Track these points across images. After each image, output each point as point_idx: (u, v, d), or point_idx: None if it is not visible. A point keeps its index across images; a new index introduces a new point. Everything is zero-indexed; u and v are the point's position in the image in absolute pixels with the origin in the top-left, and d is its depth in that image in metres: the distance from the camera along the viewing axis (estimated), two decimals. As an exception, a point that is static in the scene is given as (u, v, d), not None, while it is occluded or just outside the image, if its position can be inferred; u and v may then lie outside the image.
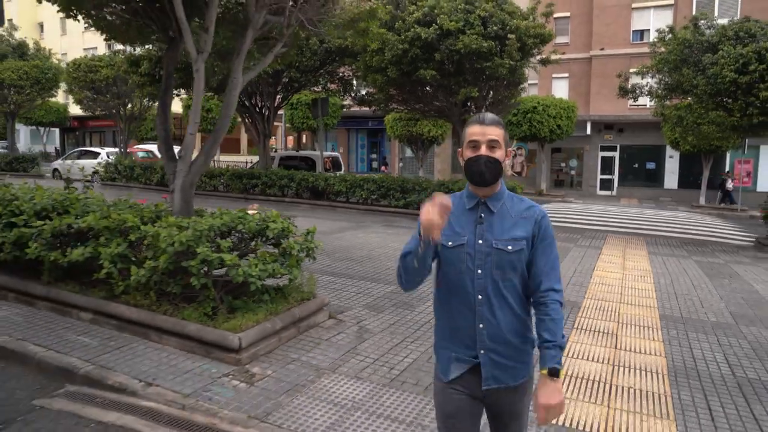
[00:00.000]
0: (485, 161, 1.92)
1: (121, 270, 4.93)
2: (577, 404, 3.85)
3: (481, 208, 1.98)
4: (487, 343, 1.94)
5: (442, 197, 1.76)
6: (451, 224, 1.96)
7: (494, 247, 1.92)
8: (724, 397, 4.07)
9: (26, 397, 3.88)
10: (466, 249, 1.94)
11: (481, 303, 1.93)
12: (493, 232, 1.94)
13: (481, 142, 1.93)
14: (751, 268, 9.58)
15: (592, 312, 6.23)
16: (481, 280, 1.93)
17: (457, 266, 1.96)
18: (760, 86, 10.76)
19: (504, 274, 1.92)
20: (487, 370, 1.95)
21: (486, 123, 1.95)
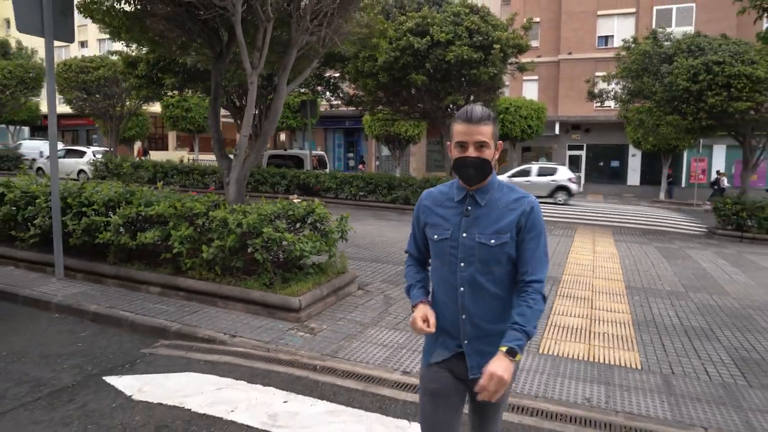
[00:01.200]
0: (473, 164, 1.88)
1: (187, 250, 5.93)
2: (566, 343, 5.05)
3: (468, 200, 1.96)
4: (469, 333, 1.95)
5: (425, 328, 1.89)
6: (438, 217, 1.99)
7: (477, 241, 1.90)
8: (673, 338, 5.34)
9: (133, 348, 4.86)
10: (450, 242, 1.94)
11: (463, 295, 1.93)
12: (478, 225, 1.92)
13: (468, 143, 1.87)
14: (700, 252, 11.06)
15: (571, 284, 7.49)
16: (464, 273, 1.92)
17: (442, 259, 1.97)
18: (708, 94, 12.32)
19: (487, 267, 1.91)
20: (472, 359, 1.96)
21: (473, 121, 1.86)
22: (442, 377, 2.02)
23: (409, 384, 4.02)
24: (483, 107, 1.92)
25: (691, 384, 4.27)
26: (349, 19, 6.60)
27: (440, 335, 2.01)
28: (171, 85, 16.09)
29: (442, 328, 1.99)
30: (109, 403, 3.70)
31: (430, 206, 2.05)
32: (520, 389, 4.04)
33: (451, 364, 2.00)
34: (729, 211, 13.50)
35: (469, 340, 1.95)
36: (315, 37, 6.26)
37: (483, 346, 1.94)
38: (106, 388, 3.93)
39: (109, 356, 4.60)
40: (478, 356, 1.94)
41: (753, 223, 13.31)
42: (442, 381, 2.02)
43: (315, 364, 4.38)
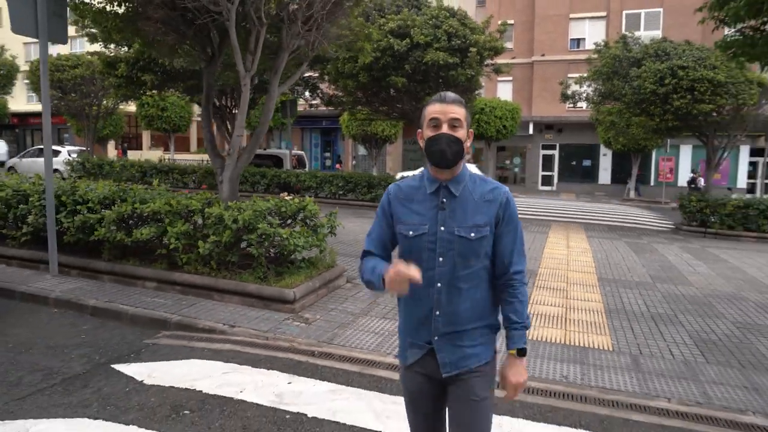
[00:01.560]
0: (446, 139, 1.82)
1: (183, 246, 6.15)
2: (544, 329, 5.44)
3: (442, 192, 1.89)
4: (441, 329, 1.89)
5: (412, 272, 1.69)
6: (411, 211, 1.91)
7: (456, 234, 1.85)
8: (641, 323, 5.78)
9: (136, 339, 5.07)
10: (427, 237, 1.87)
11: (439, 291, 1.87)
12: (456, 218, 1.86)
13: (442, 120, 1.84)
14: (667, 246, 11.66)
15: (547, 277, 7.92)
16: (442, 268, 1.86)
17: (417, 255, 1.88)
18: (674, 97, 12.97)
19: (466, 262, 1.86)
20: (444, 356, 1.91)
21: (447, 101, 1.85)
22: (417, 379, 1.98)
23: (402, 366, 4.36)
24: (455, 93, 1.91)
25: (656, 362, 4.70)
26: (337, 24, 6.89)
27: (410, 334, 1.97)
28: (151, 84, 16.10)
29: (412, 327, 1.95)
30: (123, 387, 3.93)
31: (401, 201, 1.95)
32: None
33: (424, 363, 1.95)
34: (693, 208, 14.18)
35: (440, 336, 1.89)
36: (304, 41, 6.54)
37: (456, 341, 1.90)
38: (116, 375, 4.17)
39: (113, 347, 4.81)
40: (450, 353, 1.90)
41: (716, 219, 14.00)
42: (417, 383, 1.99)
43: (313, 350, 4.67)
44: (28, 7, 6.27)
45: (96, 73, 18.23)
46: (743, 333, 5.63)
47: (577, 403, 3.87)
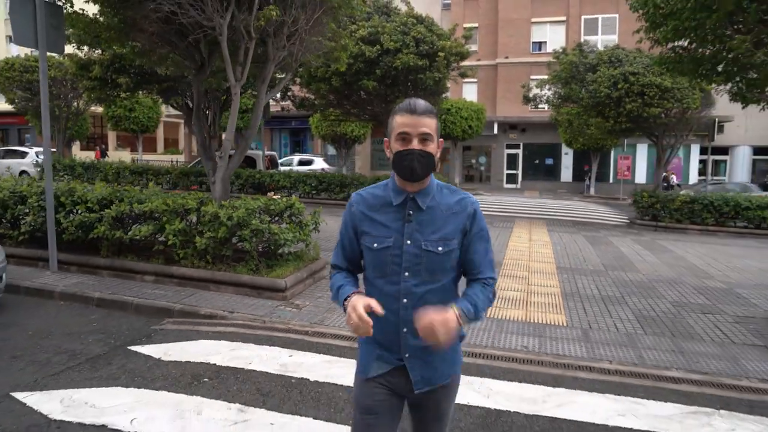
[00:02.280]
0: (418, 155, 1.73)
1: (180, 242, 6.68)
2: (508, 310, 6.19)
3: (409, 204, 1.81)
4: (411, 347, 1.82)
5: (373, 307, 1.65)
6: (376, 223, 1.83)
7: (424, 249, 1.77)
8: (593, 304, 6.60)
9: (143, 325, 5.60)
10: (392, 251, 1.79)
11: (406, 307, 1.78)
12: (423, 231, 1.78)
13: (412, 135, 1.73)
14: (621, 239, 12.65)
15: (511, 266, 8.71)
16: (407, 283, 1.78)
17: (382, 269, 1.82)
18: (626, 100, 14.03)
19: (434, 276, 1.79)
20: (416, 373, 1.84)
21: (418, 113, 1.74)
22: (378, 393, 1.88)
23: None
24: (427, 102, 1.80)
25: (603, 334, 5.49)
26: (318, 35, 7.50)
27: (377, 349, 1.88)
28: (126, 86, 16.34)
29: (379, 343, 1.86)
30: (143, 363, 4.49)
31: (364, 212, 1.86)
32: (474, 341, 5.12)
33: (391, 379, 1.87)
34: (645, 203, 15.29)
35: (411, 353, 1.82)
36: (288, 52, 7.14)
37: (428, 357, 1.83)
38: (134, 355, 4.71)
39: (124, 332, 5.34)
40: (422, 369, 1.84)
41: (666, 213, 15.12)
42: (377, 397, 1.89)
43: (307, 330, 5.30)
44: (28, 21, 6.70)
45: (69, 75, 18.28)
46: (678, 310, 6.50)
47: (535, 366, 4.62)
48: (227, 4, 6.40)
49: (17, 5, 6.59)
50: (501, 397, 3.93)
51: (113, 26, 7.40)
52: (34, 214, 7.37)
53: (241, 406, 3.68)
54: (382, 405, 1.89)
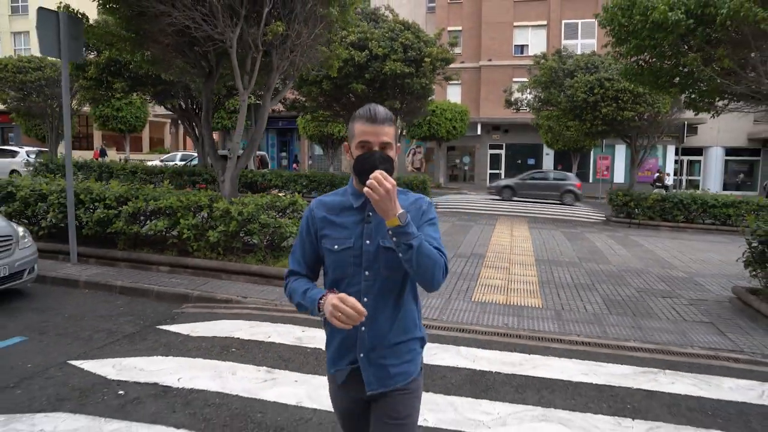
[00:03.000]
0: (379, 157, 1.76)
1: (193, 235, 7.33)
2: (490, 295, 6.95)
3: (368, 206, 1.82)
4: (367, 346, 1.85)
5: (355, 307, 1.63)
6: (336, 226, 1.86)
7: (382, 246, 1.81)
8: (566, 290, 7.40)
9: (165, 309, 6.25)
10: (352, 252, 1.83)
11: (366, 305, 1.76)
12: (381, 230, 1.81)
13: (373, 144, 1.78)
14: (596, 234, 13.53)
15: (493, 259, 9.49)
16: (368, 282, 1.82)
17: (343, 269, 1.85)
18: (602, 104, 14.93)
19: (393, 274, 1.82)
20: (369, 374, 1.85)
21: (378, 122, 1.78)
22: (346, 400, 1.97)
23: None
24: (386, 109, 1.84)
25: (573, 314, 6.28)
26: (317, 46, 8.19)
27: (336, 352, 1.92)
28: (121, 88, 16.85)
29: (337, 346, 1.90)
30: (175, 338, 5.16)
31: (325, 216, 1.89)
32: (460, 319, 5.87)
33: (351, 383, 1.90)
34: (620, 201, 16.21)
35: (366, 353, 1.85)
36: (290, 62, 7.82)
37: (381, 359, 1.85)
38: (164, 332, 5.37)
39: (150, 315, 5.99)
40: (375, 369, 1.85)
41: (639, 211, 16.06)
42: (345, 404, 1.98)
43: (314, 312, 6.00)
44: (52, 33, 7.29)
45: (63, 76, 18.70)
46: (641, 295, 7.33)
47: (514, 339, 5.38)
48: (237, 19, 7.06)
49: (43, 19, 7.18)
50: (484, 362, 4.68)
51: (127, 37, 8.01)
52: (54, 211, 7.95)
53: (268, 368, 4.38)
54: (351, 411, 1.97)
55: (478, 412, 3.75)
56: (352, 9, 8.17)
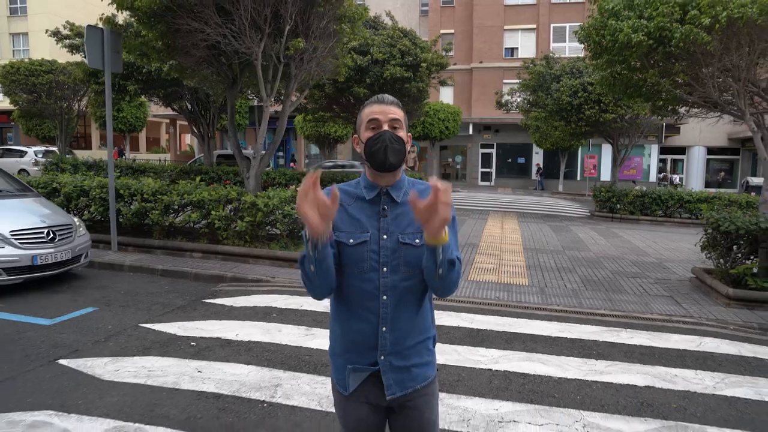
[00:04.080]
0: (390, 135, 1.68)
1: (223, 225, 8.33)
2: (484, 275, 8.02)
3: (383, 198, 1.76)
4: (389, 347, 1.75)
5: (315, 180, 1.50)
6: (351, 218, 1.76)
7: (401, 242, 1.72)
8: (550, 272, 8.49)
9: (204, 288, 7.26)
10: (369, 246, 1.73)
11: (386, 304, 1.72)
12: (399, 225, 1.74)
13: (382, 121, 1.71)
14: (580, 227, 14.66)
15: (486, 247, 10.57)
16: (386, 279, 1.72)
17: (360, 266, 1.74)
18: (585, 107, 16.07)
19: (412, 271, 1.71)
20: (389, 377, 1.77)
21: (386, 102, 1.73)
22: (362, 410, 1.84)
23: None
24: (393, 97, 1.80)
25: (554, 290, 7.36)
26: (330, 58, 9.22)
27: (350, 357, 1.81)
28: (133, 90, 17.78)
29: (350, 350, 1.80)
30: (221, 308, 6.17)
31: (341, 205, 1.78)
32: (459, 294, 6.93)
33: (366, 391, 1.81)
34: (603, 197, 17.36)
35: (387, 355, 1.76)
36: (306, 72, 8.85)
37: (400, 361, 1.78)
38: (210, 304, 6.38)
39: (192, 292, 6.99)
40: (395, 372, 1.78)
41: (621, 206, 17.22)
42: (360, 415, 1.84)
43: (334, 288, 7.04)
44: (98, 48, 8.26)
45: (76, 80, 19.58)
46: (614, 276, 8.43)
47: (504, 308, 6.45)
48: (261, 35, 8.07)
49: (90, 35, 8.16)
50: (480, 323, 5.74)
51: (161, 49, 9.00)
52: (95, 204, 8.92)
53: (306, 327, 5.42)
54: (365, 422, 1.84)
55: (477, 355, 4.81)
56: (359, 23, 9.20)
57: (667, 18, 6.70)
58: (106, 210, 8.85)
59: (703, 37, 6.53)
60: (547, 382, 4.27)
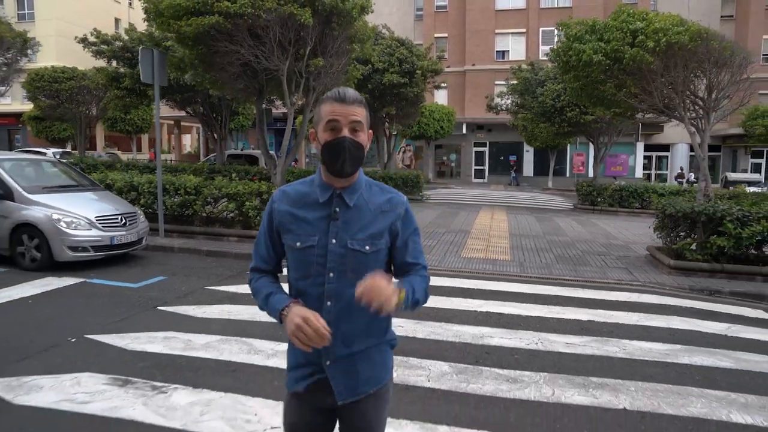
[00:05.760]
0: (349, 143, 1.64)
1: (255, 214, 9.93)
2: (474, 252, 9.67)
3: (335, 201, 1.72)
4: (334, 353, 1.72)
5: (320, 321, 1.56)
6: (300, 220, 1.73)
7: (349, 247, 1.69)
8: (529, 251, 10.14)
9: (245, 264, 8.83)
10: (316, 250, 1.69)
11: (329, 311, 1.68)
12: (349, 230, 1.70)
13: (342, 123, 1.64)
14: (562, 218, 16.35)
15: (476, 233, 12.22)
16: (332, 285, 1.69)
17: (305, 270, 1.71)
18: (567, 109, 17.75)
19: (360, 277, 1.59)
20: (338, 381, 1.74)
21: (348, 101, 1.64)
22: (303, 409, 1.81)
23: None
24: (355, 90, 1.72)
25: (531, 264, 9.01)
26: (344, 72, 10.86)
27: (299, 358, 1.78)
28: (153, 95, 19.33)
29: (302, 352, 1.70)
30: (265, 276, 7.77)
31: (288, 209, 1.75)
32: (452, 266, 8.55)
33: (314, 392, 1.76)
34: (585, 191, 19.05)
35: (333, 361, 1.72)
36: (323, 84, 10.47)
37: (351, 365, 1.74)
38: (254, 274, 7.98)
39: (236, 267, 8.58)
40: (345, 377, 1.74)
41: (601, 199, 18.90)
42: (302, 414, 1.81)
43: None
44: (149, 64, 9.84)
45: (98, 85, 21.13)
46: (583, 254, 10.09)
47: (489, 275, 8.10)
48: (287, 55, 9.68)
49: (144, 55, 9.74)
50: (468, 284, 7.39)
51: (197, 65, 10.59)
52: (145, 198, 10.50)
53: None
54: (309, 423, 1.82)
55: (465, 303, 6.44)
56: (368, 43, 10.81)
57: (620, 42, 8.34)
58: (153, 202, 10.43)
59: (648, 58, 8.15)
60: (516, 317, 5.91)
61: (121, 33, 20.99)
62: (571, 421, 3.58)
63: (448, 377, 4.22)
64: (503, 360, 4.64)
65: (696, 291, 7.61)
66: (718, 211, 8.14)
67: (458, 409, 3.70)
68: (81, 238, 7.71)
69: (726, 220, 8.04)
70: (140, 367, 4.28)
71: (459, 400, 3.84)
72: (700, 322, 5.99)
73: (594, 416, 3.66)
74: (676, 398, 3.95)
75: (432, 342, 5.03)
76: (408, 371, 4.29)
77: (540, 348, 4.98)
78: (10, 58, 15.63)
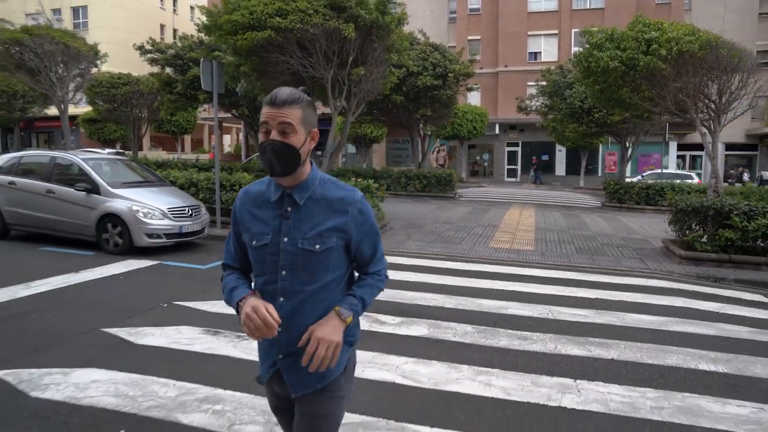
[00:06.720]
0: (272, 147, 1.66)
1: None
2: (502, 243, 10.57)
3: (286, 200, 1.75)
4: (285, 348, 1.79)
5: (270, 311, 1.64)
6: (256, 220, 1.79)
7: (300, 247, 1.72)
8: (552, 243, 10.99)
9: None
10: (270, 249, 1.75)
11: (281, 306, 1.73)
12: (300, 228, 1.73)
13: (271, 126, 1.67)
14: (588, 215, 17.04)
15: (505, 227, 13.10)
16: (285, 282, 1.74)
17: (261, 267, 1.78)
18: (594, 111, 18.38)
19: (313, 275, 1.72)
20: (290, 375, 1.81)
21: (277, 104, 1.66)
22: (273, 397, 1.96)
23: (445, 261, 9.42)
24: (294, 90, 1.71)
25: (552, 254, 9.87)
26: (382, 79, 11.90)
27: (261, 351, 1.88)
28: (203, 99, 20.80)
29: (261, 344, 1.85)
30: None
31: (247, 208, 1.82)
32: (480, 255, 9.50)
33: (277, 382, 1.86)
34: (612, 189, 19.63)
35: (285, 355, 1.79)
36: (364, 91, 11.53)
37: (298, 359, 1.75)
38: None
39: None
40: (295, 372, 1.80)
41: (628, 197, 19.45)
42: (273, 401, 1.98)
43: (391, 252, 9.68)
44: (209, 74, 11.07)
45: (152, 89, 22.78)
46: (602, 246, 10.87)
47: (513, 262, 9.00)
48: (332, 65, 10.77)
49: (204, 65, 10.97)
50: (493, 270, 8.31)
51: (250, 74, 11.79)
52: (203, 193, 11.75)
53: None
54: (279, 409, 1.98)
55: (489, 283, 7.39)
56: (405, 53, 11.81)
57: (635, 50, 9.11)
58: (211, 196, 11.67)
59: (660, 65, 8.90)
60: (533, 294, 6.84)
61: (175, 41, 22.55)
62: (567, 365, 4.51)
63: (471, 335, 5.20)
64: (517, 324, 5.59)
65: (702, 278, 8.36)
66: (725, 205, 8.85)
67: (477, 356, 4.68)
68: (156, 226, 8.95)
69: (733, 214, 8.75)
70: (224, 323, 5.39)
71: (478, 350, 4.82)
72: (698, 302, 6.79)
73: (586, 362, 4.59)
74: (657, 353, 4.84)
75: (458, 311, 6.01)
76: (438, 330, 5.29)
77: (550, 317, 5.90)
78: (83, 68, 17.22)
